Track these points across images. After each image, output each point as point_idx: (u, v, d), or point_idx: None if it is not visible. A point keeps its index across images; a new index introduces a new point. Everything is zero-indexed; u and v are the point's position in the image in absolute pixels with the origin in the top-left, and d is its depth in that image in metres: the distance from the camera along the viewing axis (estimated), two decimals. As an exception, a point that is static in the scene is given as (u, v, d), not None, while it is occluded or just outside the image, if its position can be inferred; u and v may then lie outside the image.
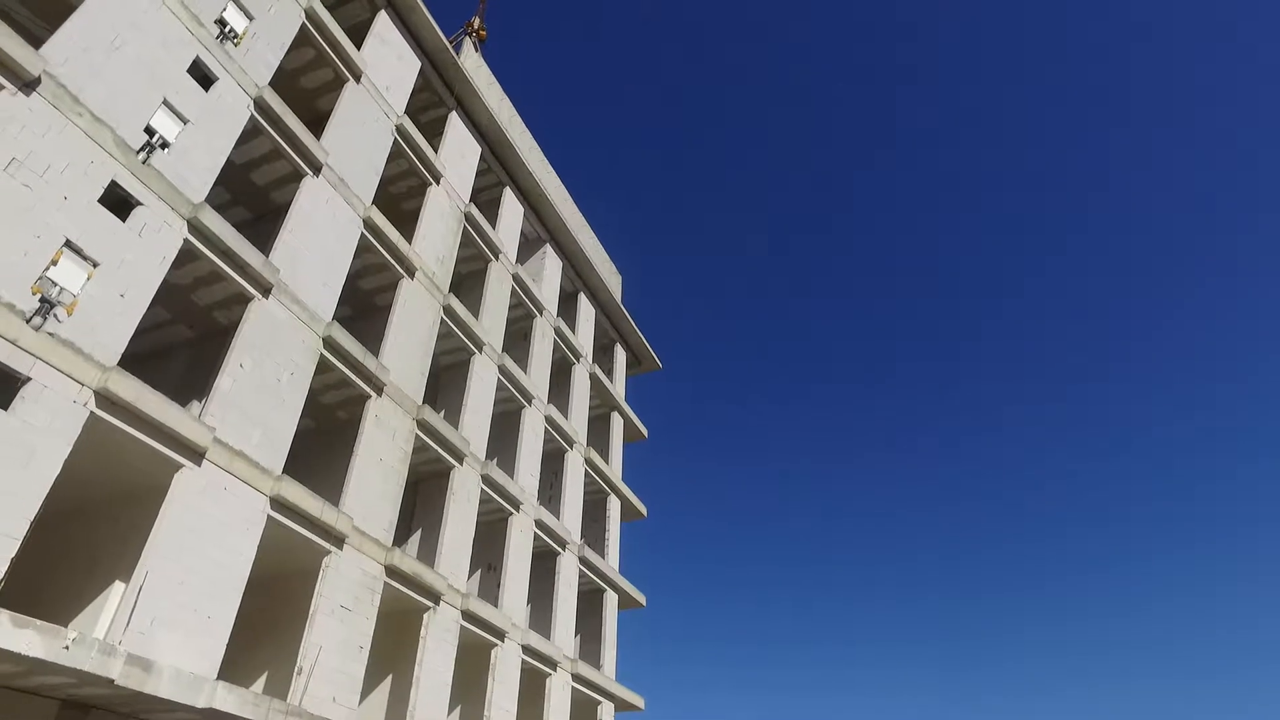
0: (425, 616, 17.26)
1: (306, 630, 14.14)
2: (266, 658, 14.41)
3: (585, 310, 30.89)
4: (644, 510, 31.51)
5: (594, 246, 33.09)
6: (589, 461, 27.80)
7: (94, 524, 12.79)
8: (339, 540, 15.00)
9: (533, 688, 21.55)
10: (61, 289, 10.78)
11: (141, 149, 12.57)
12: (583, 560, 25.45)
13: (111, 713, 11.66)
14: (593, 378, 29.97)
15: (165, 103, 13.31)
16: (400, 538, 18.99)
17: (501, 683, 19.53)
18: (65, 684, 10.39)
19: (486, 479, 20.72)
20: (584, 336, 30.14)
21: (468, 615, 18.59)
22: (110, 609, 11.70)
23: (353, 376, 16.55)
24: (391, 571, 16.28)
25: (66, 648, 9.56)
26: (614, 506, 29.40)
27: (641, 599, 28.97)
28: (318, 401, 16.81)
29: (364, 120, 19.01)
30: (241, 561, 12.91)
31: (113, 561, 12.09)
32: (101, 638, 10.82)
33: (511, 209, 26.31)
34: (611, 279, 34.14)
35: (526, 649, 20.87)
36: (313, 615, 14.29)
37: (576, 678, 23.25)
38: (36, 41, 12.29)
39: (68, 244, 11.05)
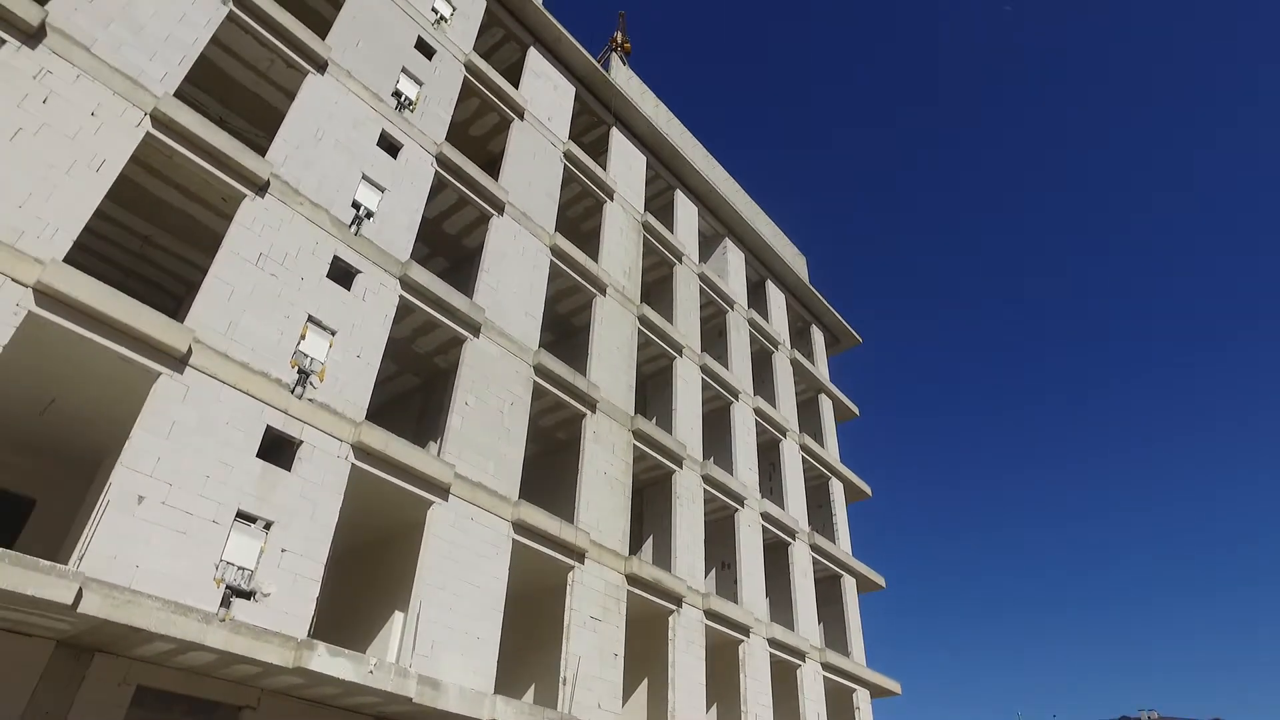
0: (670, 619, 17.66)
1: (564, 642, 14.89)
2: (531, 671, 15.34)
3: (775, 297, 30.46)
4: (868, 490, 30.47)
5: (773, 233, 32.59)
6: (804, 448, 27.32)
7: (370, 562, 14.28)
8: (580, 555, 15.71)
9: (784, 680, 21.40)
10: (311, 359, 12.18)
11: (352, 223, 13.93)
12: (814, 548, 25.01)
13: (410, 727, 12.96)
14: (794, 363, 29.46)
15: (364, 177, 14.66)
16: (634, 546, 19.59)
17: (753, 678, 19.55)
18: (373, 703, 11.66)
19: (707, 478, 20.92)
20: (778, 323, 29.73)
21: (710, 614, 18.80)
22: (396, 636, 12.97)
23: (566, 398, 17.33)
24: (633, 579, 16.82)
25: (371, 672, 10.73)
26: (836, 490, 28.67)
27: (880, 581, 27.99)
28: (537, 426, 17.72)
29: (534, 153, 19.93)
30: (497, 584, 13.84)
31: (391, 594, 13.41)
32: (394, 661, 12.03)
33: (685, 210, 26.50)
34: (796, 261, 33.45)
35: (772, 642, 20.78)
36: (568, 628, 15.03)
37: (827, 667, 22.83)
38: (258, 148, 13.93)
39: (310, 319, 12.48)
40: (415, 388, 17.29)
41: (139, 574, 9.46)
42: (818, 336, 33.08)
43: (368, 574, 14.23)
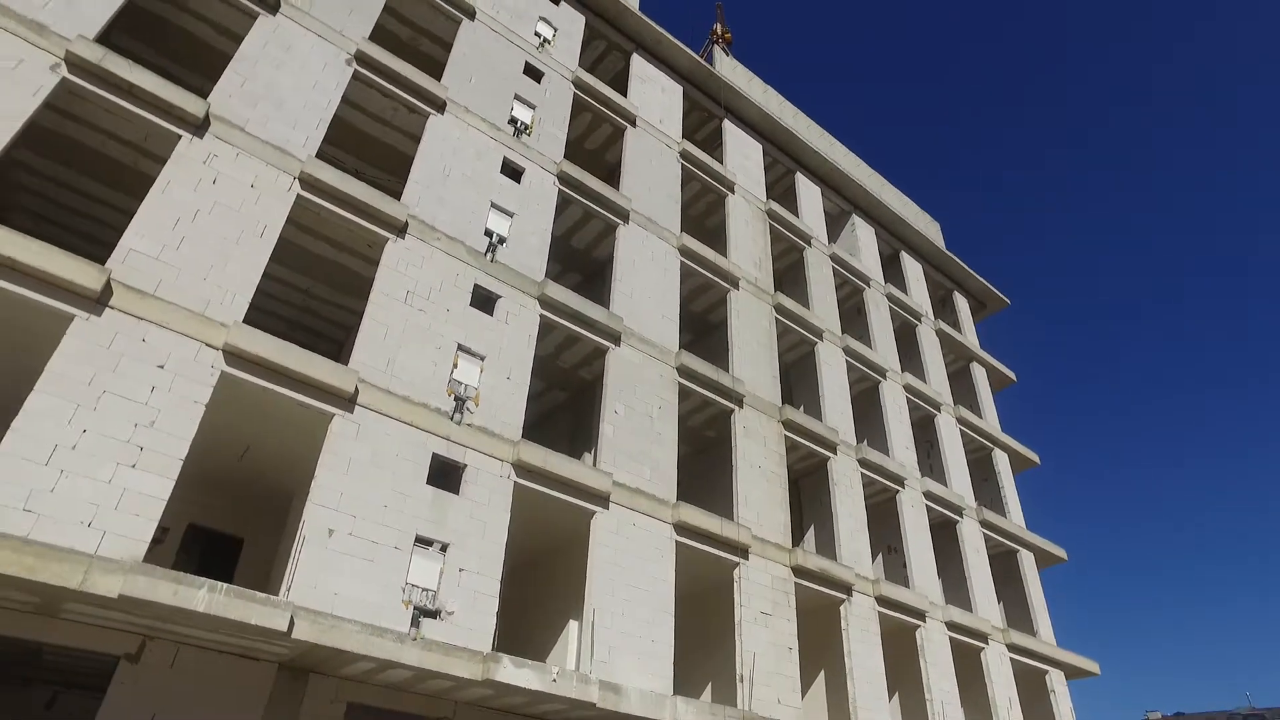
0: (842, 609, 17.28)
1: (737, 639, 14.86)
2: (706, 670, 15.41)
3: (911, 268, 29.26)
4: (1035, 458, 28.68)
5: (901, 203, 31.34)
6: (961, 420, 26.06)
7: (541, 574, 14.82)
8: (743, 551, 15.65)
9: (968, 664, 20.46)
10: (465, 385, 12.80)
11: (487, 250, 14.52)
12: (984, 524, 23.79)
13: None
14: (939, 334, 28.18)
15: (493, 204, 15.25)
16: (795, 537, 19.31)
17: (934, 664, 18.81)
18: (559, 709, 12.06)
19: (864, 462, 20.35)
20: (918, 295, 28.53)
21: (882, 601, 18.26)
22: (573, 643, 13.39)
23: (712, 396, 17.34)
24: (799, 571, 16.58)
25: (554, 680, 11.10)
26: (1001, 460, 27.16)
27: (1060, 553, 26.24)
28: (686, 426, 17.81)
29: (650, 158, 20.08)
30: (665, 586, 14.00)
31: (564, 603, 13.86)
32: (575, 669, 12.41)
33: (808, 192, 25.93)
34: (929, 229, 32.02)
35: (951, 625, 19.92)
36: (739, 624, 14.99)
37: (1013, 648, 21.63)
38: (393, 192, 14.77)
39: (460, 347, 13.12)
40: (564, 402, 17.79)
41: (338, 600, 10.22)
42: (962, 303, 31.50)
43: (540, 586, 14.77)
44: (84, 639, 9.68)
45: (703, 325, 20.58)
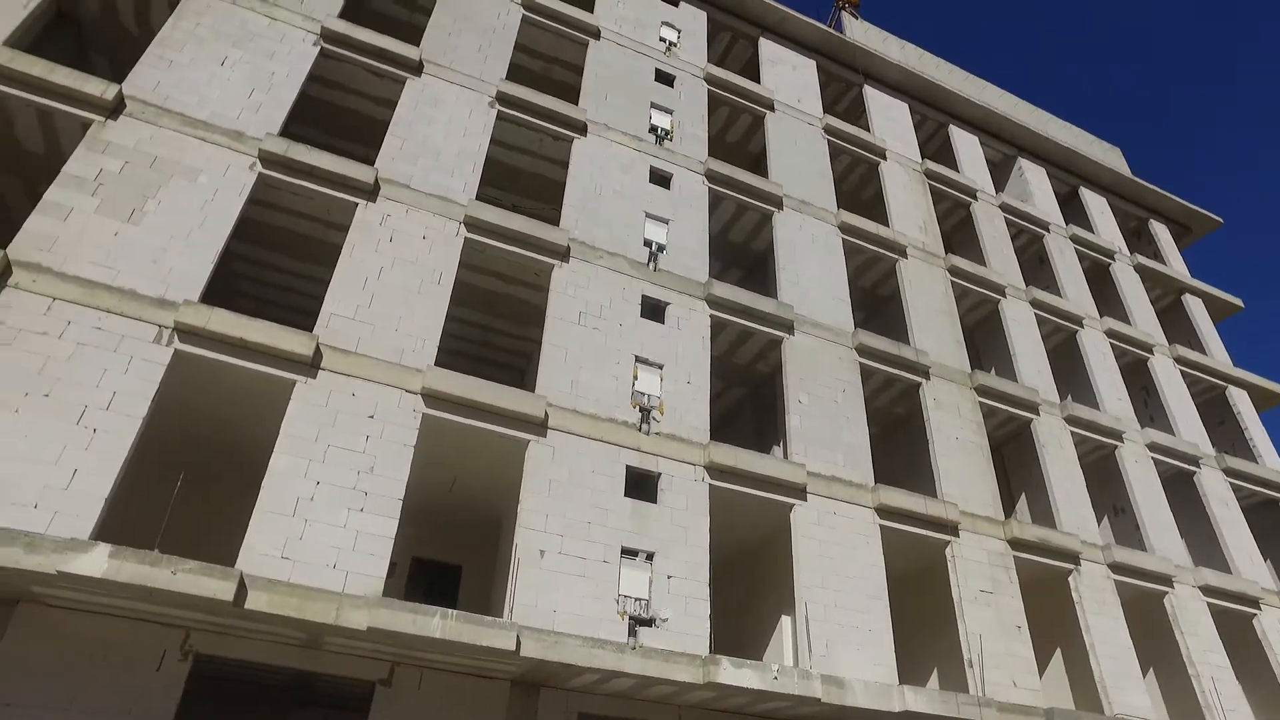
0: (1070, 580, 15.99)
1: (959, 621, 14.12)
2: (928, 656, 14.75)
3: (1095, 203, 26.77)
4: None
5: (1072, 136, 28.78)
6: (1180, 360, 23.47)
7: (747, 572, 14.78)
8: (952, 528, 14.87)
9: (1239, 634, 18.20)
10: (648, 395, 13.03)
11: (648, 260, 14.73)
12: (1228, 471, 21.24)
13: (824, 728, 13.06)
14: (1139, 269, 25.58)
15: (647, 214, 15.46)
16: (1006, 509, 18.11)
17: (1192, 634, 16.95)
18: (783, 707, 11.96)
19: (1071, 419, 18.78)
20: (1106, 231, 26.05)
21: (1116, 568, 16.72)
22: (788, 639, 13.23)
23: (896, 371, 16.66)
24: (1016, 544, 15.53)
25: (775, 678, 11.02)
26: (1239, 398, 24.17)
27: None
28: (873, 407, 17.16)
29: (795, 140, 19.65)
30: (875, 572, 13.56)
31: (774, 599, 13.74)
32: (794, 665, 12.25)
33: (965, 143, 24.40)
34: (1109, 157, 29.19)
35: (1206, 590, 17.89)
36: (958, 605, 14.25)
37: (1293, 610, 19.09)
38: (552, 220, 15.29)
39: (637, 358, 13.40)
40: (745, 398, 17.69)
41: (557, 617, 10.66)
42: (1161, 232, 28.42)
43: (746, 584, 14.73)
44: (344, 667, 10.69)
45: (875, 300, 19.82)
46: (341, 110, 15.59)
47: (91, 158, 11.56)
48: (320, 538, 9.92)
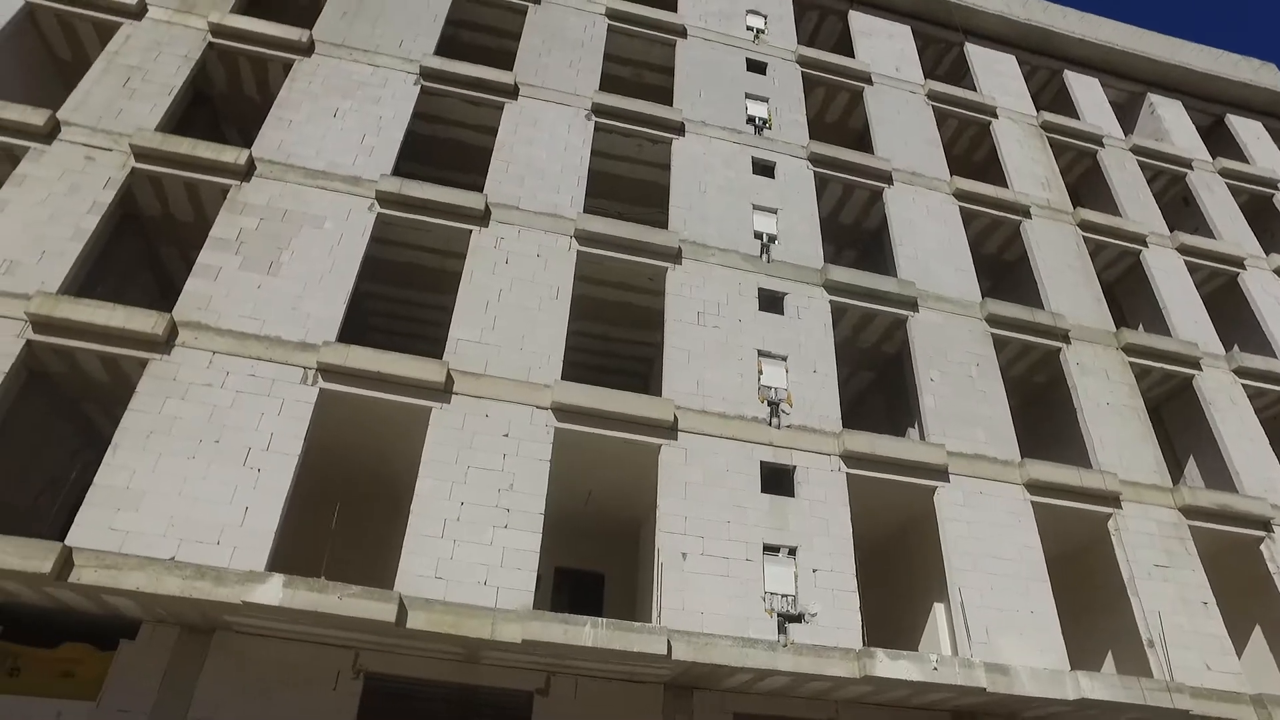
0: (1263, 550, 14.56)
1: (1132, 599, 13.15)
2: (1101, 638, 13.81)
3: (1246, 129, 24.30)
4: None
5: (1210, 59, 26.27)
6: (1364, 294, 21.03)
7: (892, 561, 14.32)
8: (1113, 499, 13.88)
9: None
10: (775, 389, 12.87)
11: (760, 252, 14.55)
12: None
13: (991, 715, 12.46)
14: (1307, 196, 23.11)
15: (754, 206, 15.28)
16: (1173, 475, 16.76)
17: None
18: (945, 698, 11.56)
19: (1241, 371, 17.16)
20: (1263, 158, 23.56)
21: (1317, 531, 15.13)
22: (943, 627, 12.71)
23: (1032, 339, 15.74)
24: (1190, 511, 14.32)
25: (935, 669, 10.63)
26: None
27: None
28: (1011, 378, 16.26)
29: (897, 110, 18.97)
30: (1030, 552, 12.84)
31: (923, 587, 13.24)
32: (953, 654, 11.75)
33: (1083, 86, 22.82)
34: (1260, 75, 26.38)
35: None
36: (1130, 582, 13.26)
37: None
38: (659, 223, 15.33)
39: (760, 353, 13.26)
40: (873, 381, 17.15)
41: (704, 619, 10.63)
42: (1331, 150, 25.53)
43: (893, 573, 14.26)
44: (502, 679, 11.12)
45: (1001, 267, 18.81)
46: (446, 142, 16.19)
47: (231, 219, 12.51)
48: (469, 556, 10.29)
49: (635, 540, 14.42)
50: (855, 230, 18.12)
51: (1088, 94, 22.66)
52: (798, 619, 10.91)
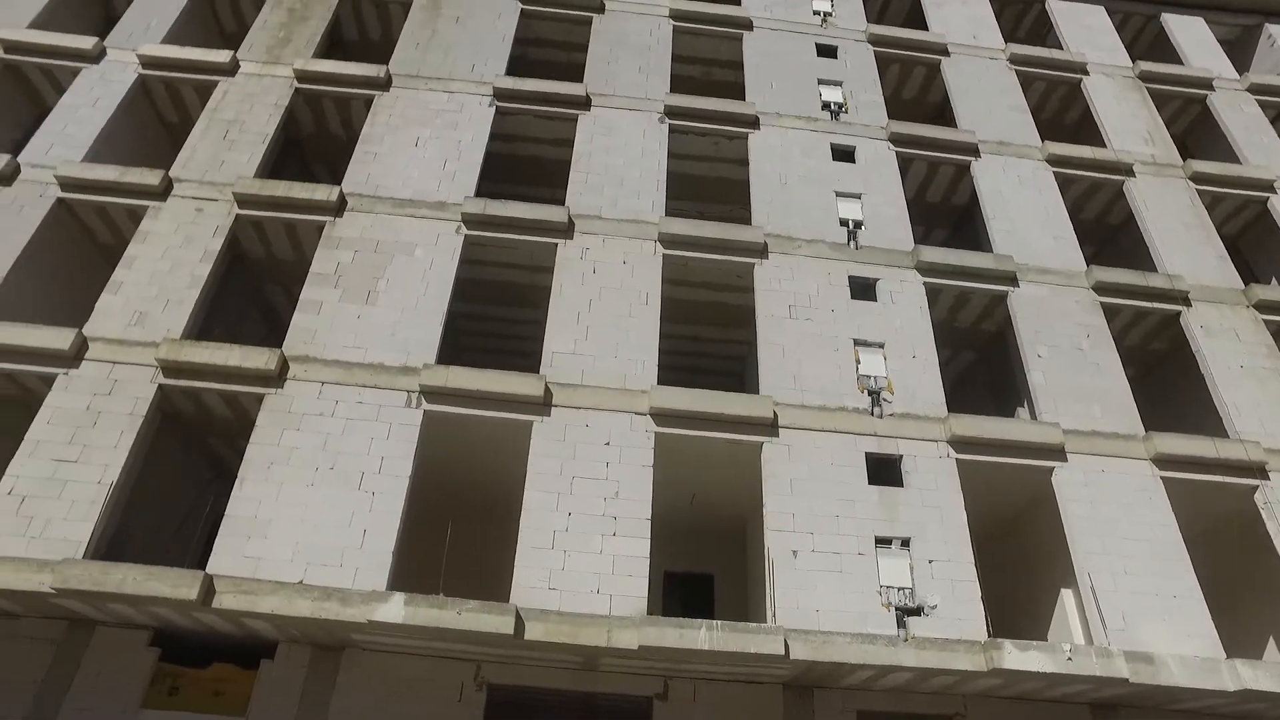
0: None
1: (1291, 578, 12.22)
2: (1258, 623, 12.84)
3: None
4: None
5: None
6: None
7: (1009, 548, 13.70)
8: (1257, 470, 12.83)
9: None
10: (874, 377, 12.55)
11: (848, 239, 14.24)
12: None
13: (1135, 708, 11.75)
14: None
15: (837, 193, 14.98)
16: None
17: None
18: (1083, 690, 10.95)
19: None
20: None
21: None
22: (1073, 615, 12.08)
23: (1146, 304, 14.80)
24: (1356, 478, 13.18)
25: (1069, 659, 10.12)
26: None
27: None
28: (1125, 348, 15.37)
29: (978, 78, 18.28)
30: (1167, 531, 12.05)
31: (1047, 573, 12.63)
32: (1086, 643, 11.15)
33: (1185, 29, 21.34)
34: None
35: None
36: (1291, 562, 12.29)
37: None
38: (742, 220, 15.18)
39: (855, 341, 12.95)
40: (975, 362, 16.49)
41: (821, 616, 10.42)
42: None
43: (1012, 560, 13.64)
44: (621, 685, 11.19)
45: (1104, 231, 17.82)
46: (525, 159, 16.47)
47: (329, 254, 13.08)
48: (580, 566, 10.40)
49: (743, 539, 14.28)
50: (944, 208, 17.50)
51: (1190, 35, 21.21)
52: (917, 612, 10.58)
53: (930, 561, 11.03)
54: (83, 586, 9.59)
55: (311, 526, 10.38)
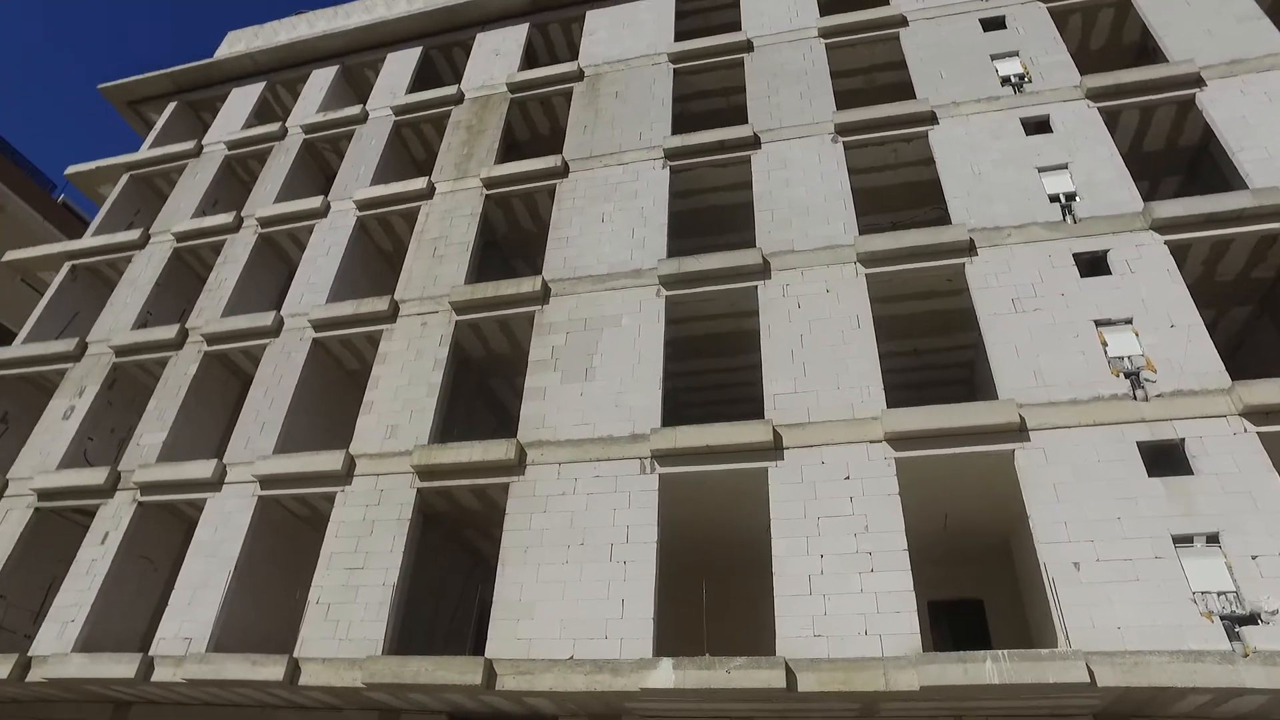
0: None
1: None
2: None
3: None
4: None
5: None
6: None
7: None
8: None
9: None
10: (1128, 357, 11.16)
11: (1063, 215, 12.95)
12: None
13: None
14: None
15: (1039, 170, 13.73)
16: None
17: None
18: None
19: None
20: None
21: None
22: None
23: None
24: None
25: None
26: None
27: None
28: None
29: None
30: None
31: None
32: None
33: None
34: None
35: None
36: None
37: None
38: (940, 221, 14.38)
39: (1096, 323, 11.59)
40: (1249, 317, 14.24)
41: (1123, 634, 9.21)
42: None
43: None
44: (913, 732, 10.45)
45: None
46: (707, 210, 16.69)
47: (542, 340, 13.87)
48: (842, 608, 9.98)
49: (1008, 557, 13.17)
50: (1170, 154, 15.53)
51: None
52: (1251, 620, 9.04)
53: (1254, 558, 9.39)
54: (385, 680, 10.76)
55: (572, 602, 10.81)
